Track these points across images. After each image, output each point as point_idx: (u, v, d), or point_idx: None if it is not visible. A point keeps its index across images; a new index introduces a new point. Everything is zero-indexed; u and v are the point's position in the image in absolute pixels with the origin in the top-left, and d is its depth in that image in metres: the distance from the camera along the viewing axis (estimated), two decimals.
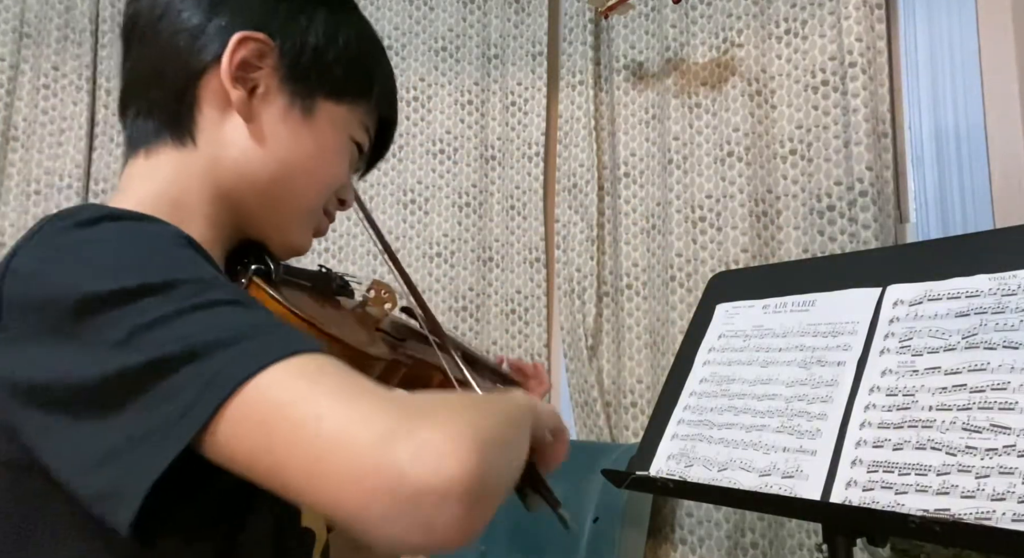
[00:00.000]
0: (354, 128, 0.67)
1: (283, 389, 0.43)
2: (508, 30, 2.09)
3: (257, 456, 0.42)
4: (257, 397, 0.43)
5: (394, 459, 0.40)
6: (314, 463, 0.41)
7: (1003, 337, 0.78)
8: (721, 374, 1.04)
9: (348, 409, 0.42)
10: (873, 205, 1.43)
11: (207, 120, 0.62)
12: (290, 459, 0.41)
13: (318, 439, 0.41)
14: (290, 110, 0.63)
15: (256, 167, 0.62)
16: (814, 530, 1.42)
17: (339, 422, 0.41)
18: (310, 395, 0.43)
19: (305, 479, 0.41)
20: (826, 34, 1.54)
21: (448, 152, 2.05)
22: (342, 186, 0.70)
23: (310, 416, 0.42)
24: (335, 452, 0.41)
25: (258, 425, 0.42)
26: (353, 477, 0.40)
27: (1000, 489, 0.70)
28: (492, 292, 2.04)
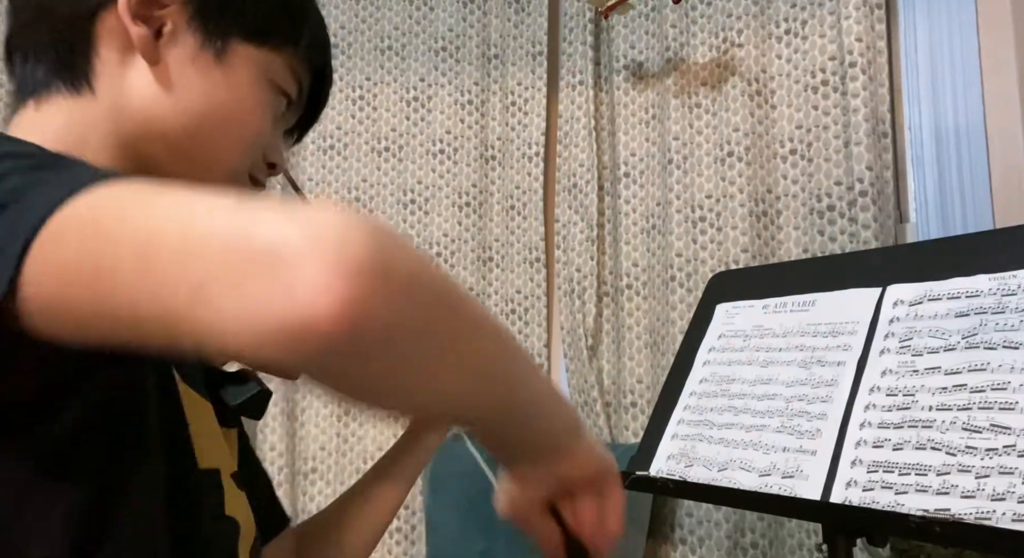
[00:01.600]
0: (278, 73, 0.60)
1: (100, 200, 0.36)
2: (508, 30, 2.09)
3: (76, 272, 0.34)
4: (69, 215, 0.35)
5: (245, 216, 0.32)
6: (145, 247, 0.33)
7: (1003, 337, 0.78)
8: (721, 374, 1.04)
9: (188, 195, 0.35)
10: (873, 205, 1.43)
11: (105, 63, 0.55)
12: (116, 253, 0.33)
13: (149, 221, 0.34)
14: (201, 52, 0.56)
15: (164, 115, 0.55)
16: (814, 530, 1.41)
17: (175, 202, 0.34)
18: (138, 194, 0.36)
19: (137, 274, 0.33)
20: (826, 34, 1.54)
21: (448, 152, 2.05)
22: (270, 147, 0.63)
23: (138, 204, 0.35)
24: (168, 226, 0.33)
25: (74, 236, 0.34)
26: (189, 247, 0.32)
27: (1000, 489, 0.70)
28: (492, 292, 2.04)
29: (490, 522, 1.72)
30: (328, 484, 1.92)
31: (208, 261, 0.31)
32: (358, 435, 1.95)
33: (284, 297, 0.30)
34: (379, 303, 0.31)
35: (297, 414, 1.94)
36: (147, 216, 0.34)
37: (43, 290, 0.35)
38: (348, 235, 0.31)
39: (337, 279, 0.29)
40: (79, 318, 0.35)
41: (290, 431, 1.92)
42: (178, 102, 0.56)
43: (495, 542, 1.65)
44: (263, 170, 0.64)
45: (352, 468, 1.93)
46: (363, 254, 0.30)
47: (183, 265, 0.32)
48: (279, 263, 0.30)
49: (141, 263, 0.33)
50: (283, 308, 0.30)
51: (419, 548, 1.85)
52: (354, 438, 1.95)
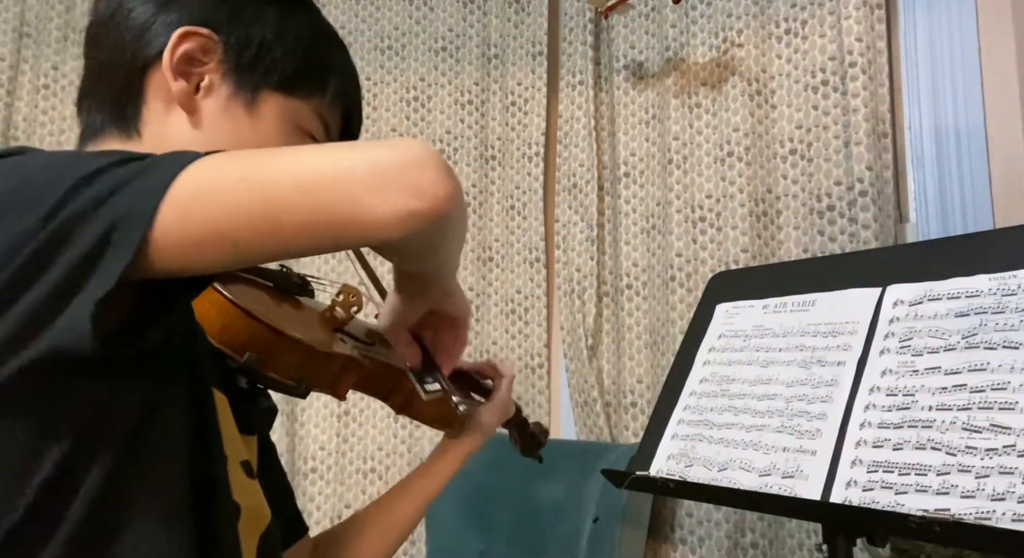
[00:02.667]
0: (305, 119, 0.67)
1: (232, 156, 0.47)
2: (508, 30, 2.09)
3: (239, 206, 0.45)
4: (205, 167, 0.46)
5: (371, 152, 0.48)
6: (304, 179, 0.46)
7: (1003, 337, 0.78)
8: (721, 374, 1.04)
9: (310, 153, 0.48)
10: (873, 205, 1.43)
11: (152, 113, 0.63)
12: (283, 186, 0.45)
13: (297, 162, 0.47)
14: (232, 101, 0.64)
15: None
16: (814, 530, 1.41)
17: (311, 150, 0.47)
18: (279, 152, 0.48)
19: (300, 199, 0.45)
20: (826, 34, 1.54)
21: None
22: None
23: (293, 157, 0.48)
24: (317, 164, 0.47)
25: (224, 183, 0.46)
26: (341, 175, 0.46)
27: (1000, 489, 0.70)
28: (492, 292, 2.04)
29: (490, 522, 1.72)
30: (328, 484, 1.92)
31: (358, 182, 0.46)
32: (358, 435, 1.95)
33: (418, 194, 0.47)
34: (459, 194, 0.50)
35: (297, 414, 1.94)
36: (291, 157, 0.48)
37: (182, 239, 0.45)
38: (432, 154, 0.49)
39: (442, 178, 0.48)
40: (227, 253, 0.46)
41: (290, 431, 1.92)
42: (210, 145, 0.61)
43: (495, 542, 1.65)
44: None
45: (352, 468, 1.93)
46: (443, 165, 0.49)
47: (340, 187, 0.46)
48: (406, 174, 0.47)
49: (303, 193, 0.46)
50: (419, 201, 0.47)
51: (419, 548, 1.85)
52: (354, 438, 1.95)
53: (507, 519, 1.66)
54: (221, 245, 0.46)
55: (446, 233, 0.54)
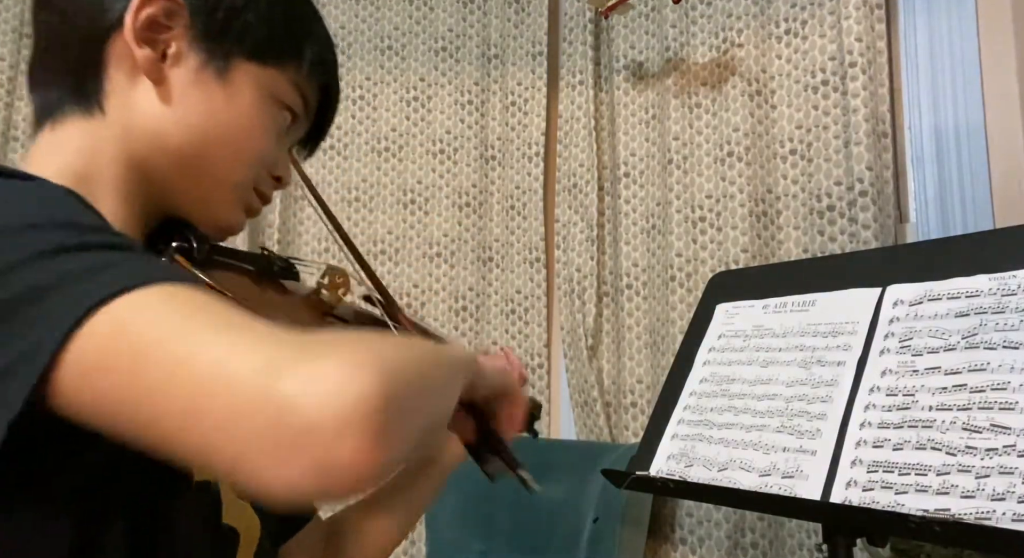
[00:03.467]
0: (281, 90, 0.62)
1: (145, 323, 0.37)
2: (508, 30, 2.09)
3: (118, 404, 0.37)
4: (110, 333, 0.37)
5: (279, 390, 0.34)
6: (188, 406, 0.35)
7: (1003, 337, 0.78)
8: (721, 374, 1.04)
9: (226, 341, 0.36)
10: (873, 205, 1.43)
11: (115, 85, 0.58)
12: (158, 402, 0.36)
13: (193, 378, 0.35)
14: (203, 71, 0.59)
15: (168, 133, 0.58)
16: (814, 530, 1.41)
17: (215, 355, 0.35)
18: (181, 330, 0.37)
19: (180, 427, 0.35)
20: (826, 34, 1.54)
21: (448, 152, 2.05)
22: (276, 162, 0.65)
23: (183, 354, 0.36)
24: (210, 390, 0.35)
25: (116, 368, 0.36)
26: (233, 419, 0.34)
27: (1000, 489, 0.70)
28: (492, 292, 2.04)
29: (489, 523, 1.72)
30: None
31: (249, 434, 0.34)
32: None
33: (318, 474, 0.34)
34: (396, 445, 0.36)
35: None
36: (189, 369, 0.36)
37: (75, 399, 0.37)
38: (365, 404, 0.34)
39: (363, 451, 0.34)
40: (110, 426, 0.38)
41: None
42: (181, 119, 0.58)
43: (494, 543, 1.65)
44: (269, 183, 0.66)
45: None
46: (380, 418, 0.35)
47: (226, 433, 0.35)
48: (311, 445, 0.34)
49: (185, 422, 0.36)
50: (316, 481, 0.34)
51: (419, 548, 1.85)
52: None
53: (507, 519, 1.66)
54: (108, 422, 0.38)
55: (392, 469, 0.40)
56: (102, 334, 0.37)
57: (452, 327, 1.99)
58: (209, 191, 0.61)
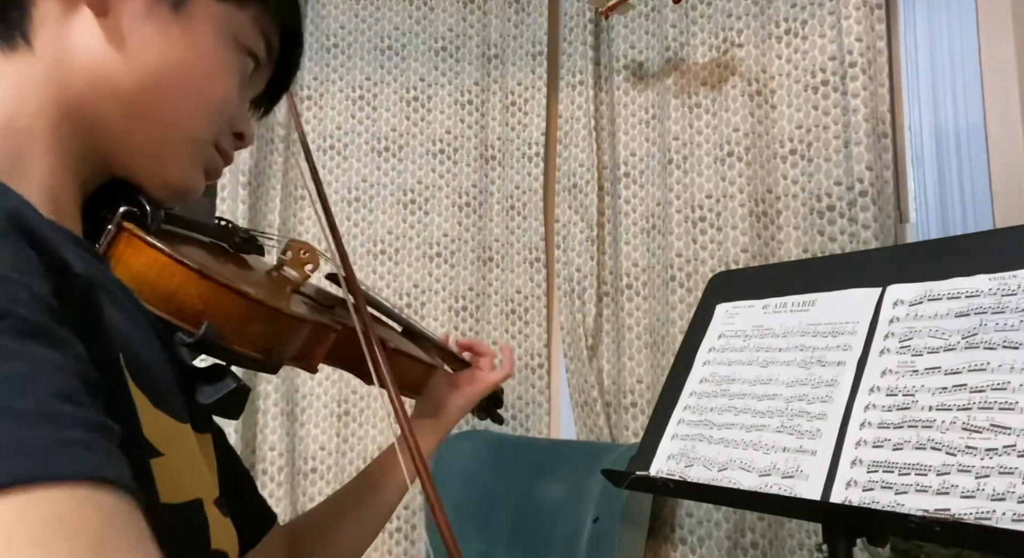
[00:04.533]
0: (244, 31, 0.54)
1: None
2: (508, 30, 2.09)
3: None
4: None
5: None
6: None
7: (1003, 337, 0.78)
8: (721, 374, 1.04)
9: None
10: (873, 205, 1.43)
11: (46, 14, 0.48)
12: None
13: None
14: (157, 3, 0.50)
15: (114, 73, 0.49)
16: (814, 530, 1.41)
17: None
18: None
19: None
20: (826, 34, 1.54)
21: (448, 152, 2.05)
22: (238, 116, 0.58)
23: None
24: None
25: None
26: None
27: (1000, 489, 0.70)
28: (492, 292, 2.04)
29: (490, 522, 1.72)
30: (328, 484, 1.92)
31: None
32: (358, 435, 1.95)
33: None
34: None
35: (297, 414, 1.94)
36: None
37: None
38: None
39: None
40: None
41: (290, 431, 1.92)
42: (131, 59, 0.49)
43: (495, 542, 1.65)
44: (229, 140, 0.59)
45: (352, 468, 1.93)
46: None
47: None
48: None
49: None
50: None
51: (419, 548, 1.85)
52: (354, 438, 1.95)
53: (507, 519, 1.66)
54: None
55: None
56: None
57: (452, 327, 1.99)
58: (163, 145, 0.52)
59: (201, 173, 0.56)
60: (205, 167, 0.57)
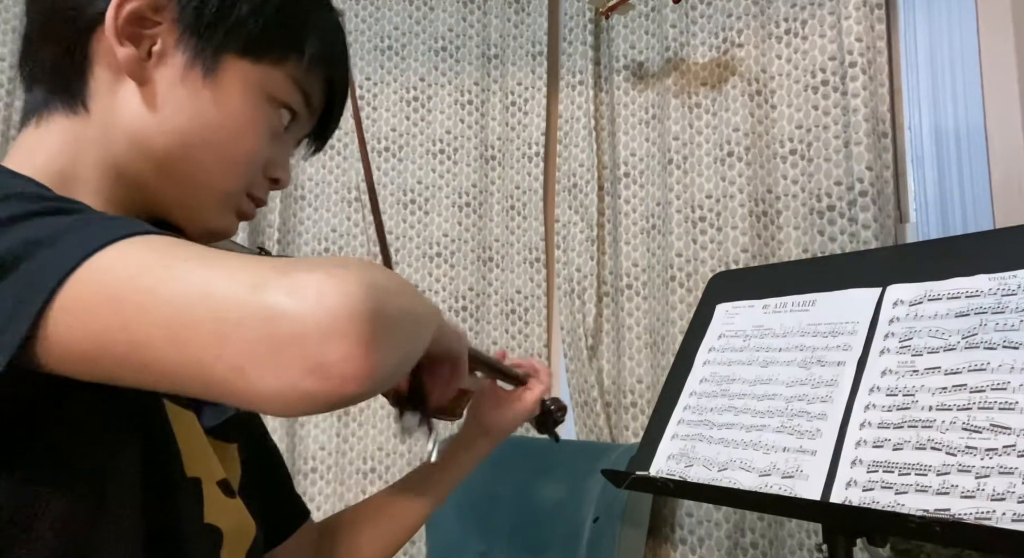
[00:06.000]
0: (278, 87, 0.58)
1: (125, 264, 0.37)
2: (508, 30, 2.09)
3: (109, 340, 0.36)
4: (94, 278, 0.37)
5: (266, 300, 0.34)
6: (177, 324, 0.35)
7: (1003, 337, 0.78)
8: (721, 374, 1.04)
9: (207, 267, 0.37)
10: (873, 205, 1.43)
11: (100, 83, 0.54)
12: (149, 329, 0.36)
13: (176, 297, 0.35)
14: (190, 70, 0.54)
15: (150, 136, 0.54)
16: (814, 530, 1.41)
17: (199, 278, 0.36)
18: (161, 262, 0.37)
19: (171, 349, 0.35)
20: (826, 34, 1.54)
21: (448, 152, 2.05)
22: (273, 162, 0.61)
23: (164, 279, 0.36)
24: (198, 306, 0.35)
25: (103, 305, 0.36)
26: (227, 330, 0.35)
27: (1000, 489, 0.70)
28: (492, 292, 2.04)
29: (490, 523, 1.72)
30: (328, 484, 1.92)
31: (241, 344, 0.35)
32: (358, 435, 1.95)
33: (315, 375, 0.35)
34: (386, 351, 0.37)
35: None
36: (172, 290, 0.36)
37: (67, 349, 0.37)
38: (353, 305, 0.36)
39: (358, 351, 0.35)
40: (109, 373, 0.38)
41: (290, 431, 1.92)
42: (165, 122, 0.54)
43: (495, 543, 1.65)
44: (263, 187, 0.62)
45: (352, 468, 1.93)
46: (368, 319, 0.36)
47: (218, 347, 0.35)
48: (306, 343, 0.35)
49: (175, 343, 0.36)
50: (315, 383, 0.35)
51: (419, 548, 1.85)
52: (354, 438, 1.95)
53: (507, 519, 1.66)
54: (101, 368, 0.38)
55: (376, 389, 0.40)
56: (83, 283, 0.37)
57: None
58: (195, 198, 0.57)
59: (234, 218, 0.61)
60: (237, 212, 0.61)
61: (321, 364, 0.35)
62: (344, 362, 0.35)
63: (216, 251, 0.40)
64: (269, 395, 0.35)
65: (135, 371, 0.37)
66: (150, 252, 0.38)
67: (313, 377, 0.35)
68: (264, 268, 0.37)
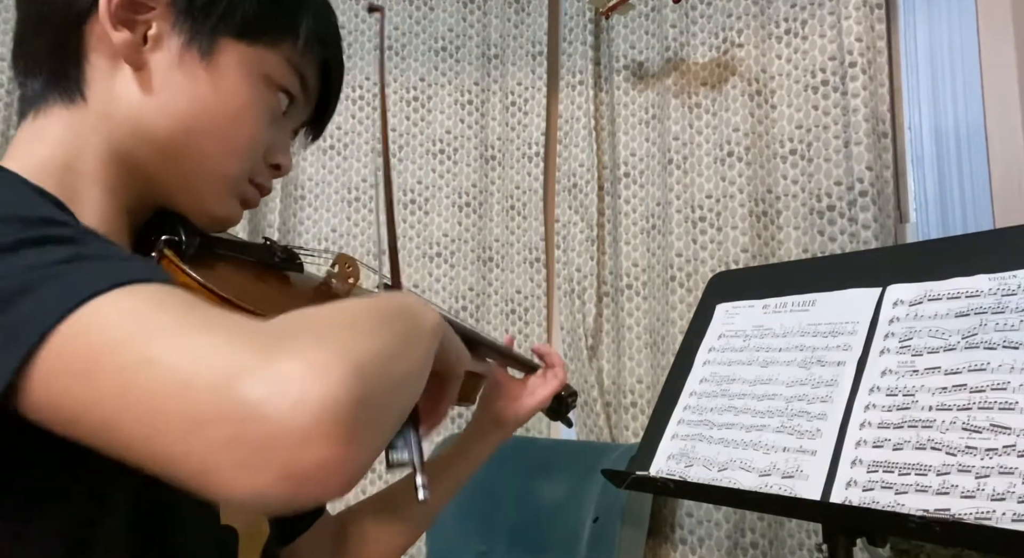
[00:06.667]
0: (275, 70, 0.58)
1: (105, 327, 0.36)
2: (508, 30, 2.09)
3: (84, 412, 0.35)
4: (74, 340, 0.35)
5: (242, 397, 0.32)
6: (149, 414, 0.34)
7: (1003, 337, 0.78)
8: (721, 374, 1.04)
9: (187, 345, 0.35)
10: (873, 205, 1.43)
11: (96, 71, 0.54)
12: (122, 412, 0.34)
13: (150, 384, 0.34)
14: (185, 53, 0.54)
15: (149, 122, 0.54)
16: (814, 530, 1.41)
17: (176, 361, 0.34)
18: (140, 332, 0.35)
19: (141, 435, 0.34)
20: (826, 34, 1.54)
21: (448, 152, 2.05)
22: (273, 148, 0.61)
23: (140, 358, 0.34)
24: (172, 398, 0.33)
25: (81, 375, 0.35)
26: (193, 424, 0.33)
27: (1000, 489, 0.70)
28: (492, 292, 2.04)
29: (490, 523, 1.72)
30: None
31: (210, 444, 0.33)
32: None
33: (290, 480, 0.33)
34: (370, 441, 0.35)
35: None
36: (148, 375, 0.34)
37: (45, 408, 0.36)
38: (335, 405, 0.33)
39: (336, 451, 0.33)
40: (85, 439, 0.37)
41: None
42: (163, 107, 0.54)
43: (495, 543, 1.65)
44: (265, 173, 0.62)
45: None
46: (351, 417, 0.34)
47: (187, 443, 0.33)
48: (278, 451, 0.32)
49: (145, 433, 0.34)
50: (290, 488, 0.33)
51: (419, 547, 1.85)
52: None
53: (507, 519, 1.66)
54: (77, 432, 0.37)
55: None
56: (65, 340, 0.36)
57: None
58: (198, 183, 0.57)
59: (237, 204, 0.60)
60: (241, 199, 0.60)
61: (296, 470, 0.33)
62: (323, 468, 0.33)
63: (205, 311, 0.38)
64: (241, 497, 0.34)
65: (108, 446, 0.36)
66: (132, 316, 0.37)
67: (288, 483, 0.33)
68: (249, 347, 0.35)
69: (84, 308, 0.36)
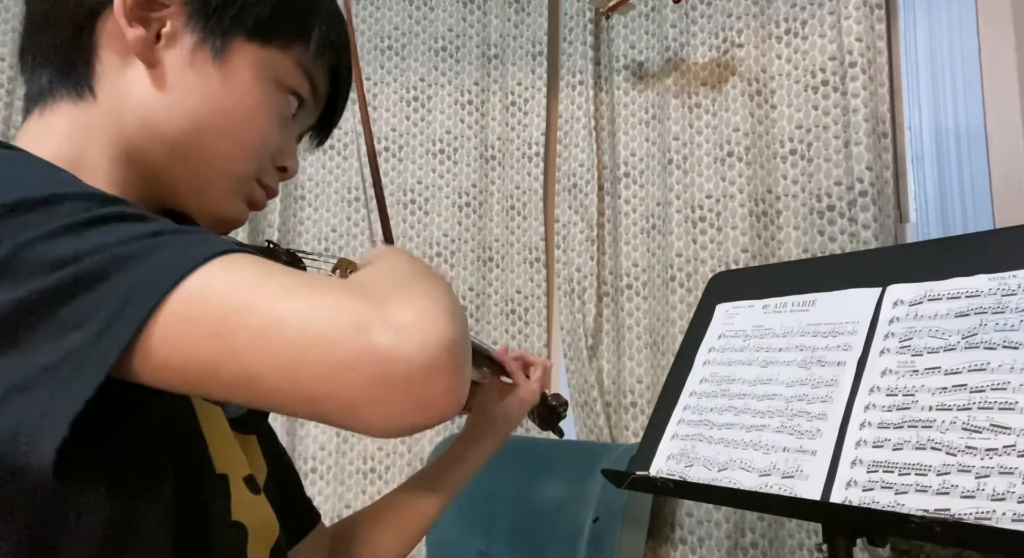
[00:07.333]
0: (285, 73, 0.58)
1: (224, 291, 0.39)
2: (508, 30, 2.09)
3: (217, 367, 0.39)
4: (195, 304, 0.39)
5: (374, 343, 0.38)
6: (291, 365, 0.38)
7: (1003, 337, 0.78)
8: (721, 374, 1.04)
9: (308, 306, 0.39)
10: (873, 205, 1.43)
11: (107, 67, 0.54)
12: (261, 366, 0.38)
13: (289, 343, 0.38)
14: (198, 52, 0.55)
15: (161, 119, 0.54)
16: (814, 530, 1.41)
17: (305, 321, 0.38)
18: (261, 297, 0.39)
19: (285, 385, 0.39)
20: (826, 34, 1.54)
21: (448, 152, 2.05)
22: (281, 150, 0.62)
23: (270, 320, 0.38)
24: (313, 352, 0.38)
25: (209, 336, 0.38)
26: (340, 371, 0.38)
27: (1000, 489, 0.70)
28: (492, 292, 2.04)
29: (490, 523, 1.72)
30: (328, 484, 1.92)
31: (352, 385, 0.38)
32: (358, 435, 1.95)
33: (422, 409, 0.39)
34: (468, 368, 0.42)
35: None
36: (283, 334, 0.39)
37: (165, 367, 0.39)
38: (447, 341, 0.40)
39: (454, 379, 0.40)
40: (207, 391, 0.41)
41: (290, 431, 1.92)
42: (174, 104, 0.54)
43: (495, 542, 1.65)
44: (273, 175, 0.62)
45: (352, 468, 1.93)
46: (458, 350, 0.40)
47: (330, 386, 0.38)
48: (414, 384, 0.39)
49: (289, 381, 0.39)
50: (421, 415, 0.40)
51: (419, 547, 1.85)
52: (354, 438, 1.95)
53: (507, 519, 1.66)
54: (200, 387, 0.40)
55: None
56: (185, 305, 0.38)
57: None
58: (207, 183, 0.57)
59: (244, 205, 0.61)
60: (247, 200, 0.61)
61: (427, 397, 0.39)
62: (446, 394, 0.40)
63: (299, 274, 0.42)
64: (379, 428, 0.40)
65: (240, 393, 0.40)
66: (243, 280, 0.40)
67: (420, 411, 0.39)
68: (363, 302, 0.40)
69: (197, 273, 0.39)
